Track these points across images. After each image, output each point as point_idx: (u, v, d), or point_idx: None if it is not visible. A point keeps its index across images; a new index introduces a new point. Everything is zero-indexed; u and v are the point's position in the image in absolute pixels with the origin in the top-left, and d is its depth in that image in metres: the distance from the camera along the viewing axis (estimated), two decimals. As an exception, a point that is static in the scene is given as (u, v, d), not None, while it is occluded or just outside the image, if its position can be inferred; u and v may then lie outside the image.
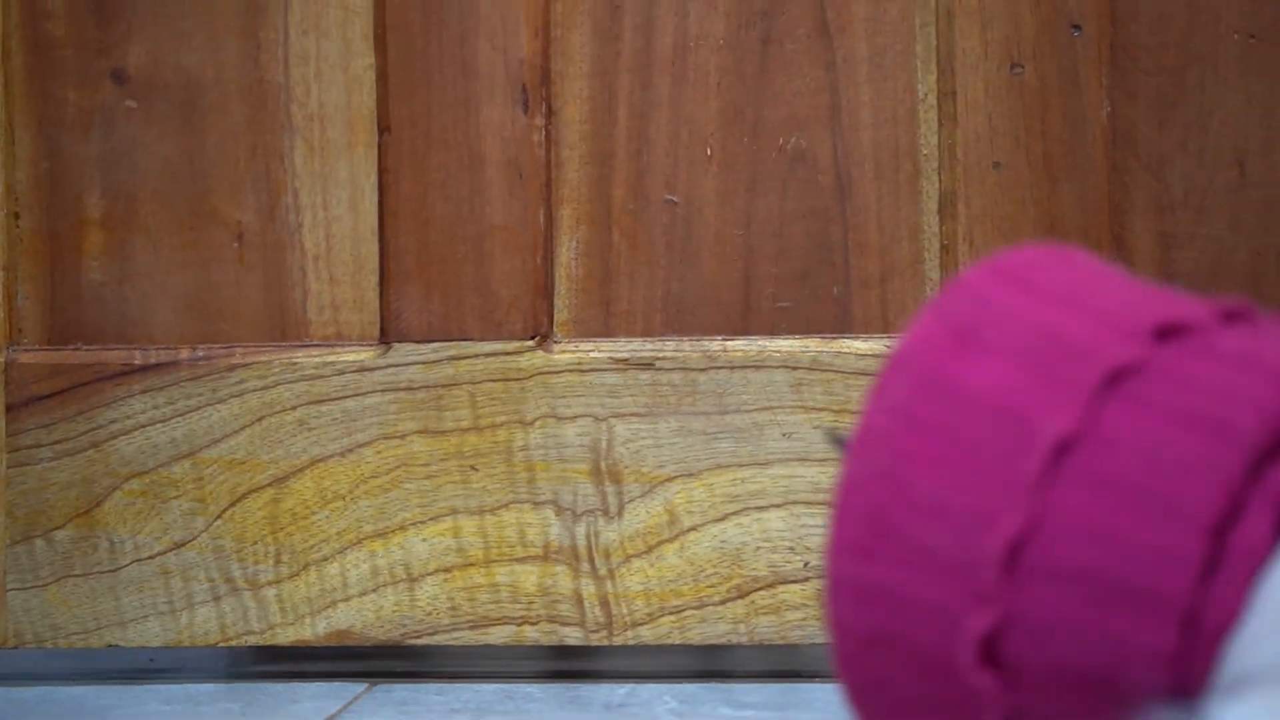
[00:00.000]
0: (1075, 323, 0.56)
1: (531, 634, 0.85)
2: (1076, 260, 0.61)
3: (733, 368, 0.84)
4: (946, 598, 0.55)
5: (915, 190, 0.84)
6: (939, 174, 0.83)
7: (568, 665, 0.88)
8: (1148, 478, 0.52)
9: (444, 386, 0.85)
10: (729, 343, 0.84)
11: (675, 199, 0.85)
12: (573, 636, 0.85)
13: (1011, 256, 0.60)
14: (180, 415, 0.86)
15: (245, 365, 0.86)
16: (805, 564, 0.83)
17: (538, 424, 0.85)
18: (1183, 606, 0.51)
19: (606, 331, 0.85)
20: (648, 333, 0.85)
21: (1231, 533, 0.51)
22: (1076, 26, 0.82)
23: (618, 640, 0.84)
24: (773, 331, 0.84)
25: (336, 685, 0.85)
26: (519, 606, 0.85)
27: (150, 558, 0.86)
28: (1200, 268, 0.83)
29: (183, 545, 0.86)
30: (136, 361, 0.86)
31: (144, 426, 0.86)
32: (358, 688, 0.84)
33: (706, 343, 0.85)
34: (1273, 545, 0.52)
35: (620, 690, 0.82)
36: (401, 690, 0.83)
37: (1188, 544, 0.51)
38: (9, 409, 0.87)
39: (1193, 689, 0.51)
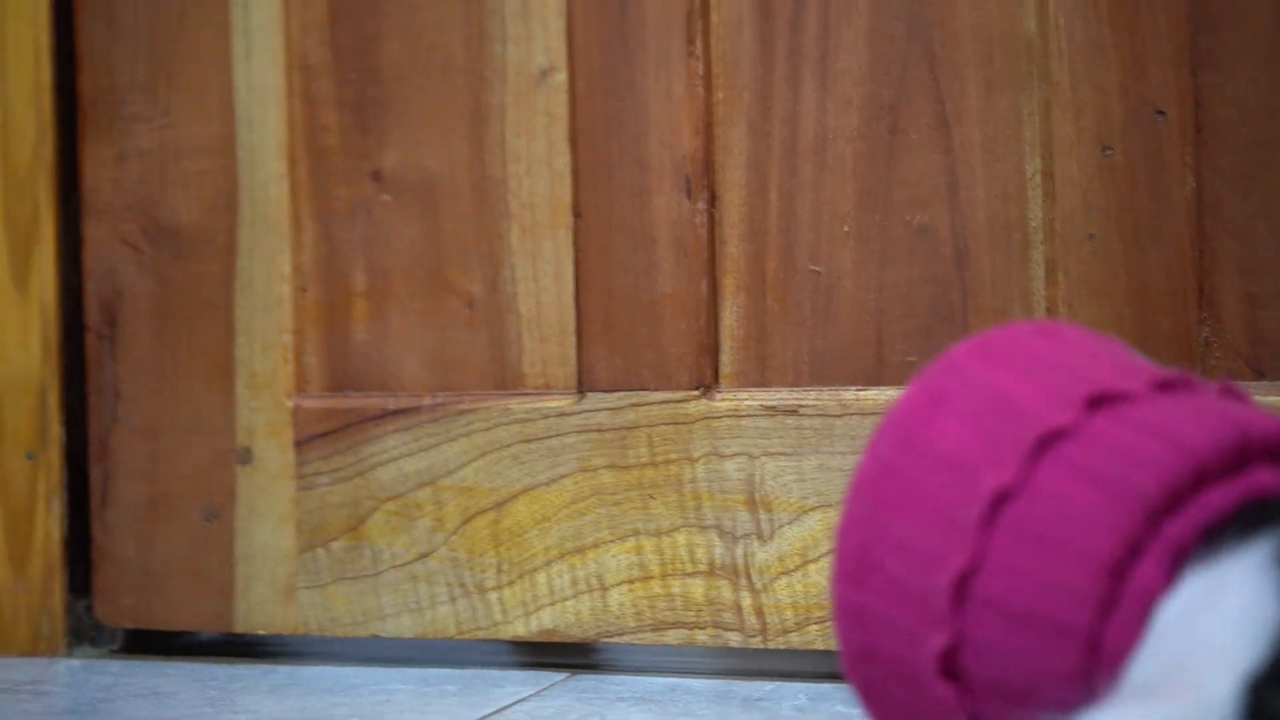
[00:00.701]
0: (1027, 391, 0.63)
1: (701, 637, 0.95)
2: (1058, 334, 0.67)
3: (864, 414, 0.92)
4: (913, 620, 0.63)
5: (1025, 259, 0.90)
6: (1045, 245, 0.90)
7: (734, 664, 0.97)
8: (1062, 526, 0.59)
9: (627, 429, 0.96)
10: (862, 392, 0.93)
11: (818, 269, 0.94)
12: (734, 640, 0.94)
13: (995, 333, 0.68)
14: (423, 450, 1.00)
15: (472, 410, 0.99)
16: (926, 583, 0.91)
17: (703, 461, 0.95)
18: (1084, 635, 0.58)
19: (763, 382, 0.95)
20: (796, 383, 0.94)
21: (1130, 574, 0.58)
22: (1161, 112, 0.87)
23: (771, 645, 0.94)
24: (900, 383, 0.92)
25: (542, 674, 0.97)
26: (690, 614, 0.95)
27: (402, 565, 1.00)
28: (1285, 324, 0.87)
29: (426, 556, 1.00)
30: (390, 406, 1.01)
31: (396, 459, 1.00)
32: (556, 676, 0.96)
33: (843, 392, 0.93)
34: (1166, 585, 0.58)
35: (766, 687, 0.92)
36: (589, 680, 0.95)
37: (1088, 583, 0.58)
38: (297, 444, 1.02)
39: (1097, 703, 0.58)
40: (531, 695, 0.92)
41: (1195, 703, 0.52)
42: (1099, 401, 0.62)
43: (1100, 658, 0.58)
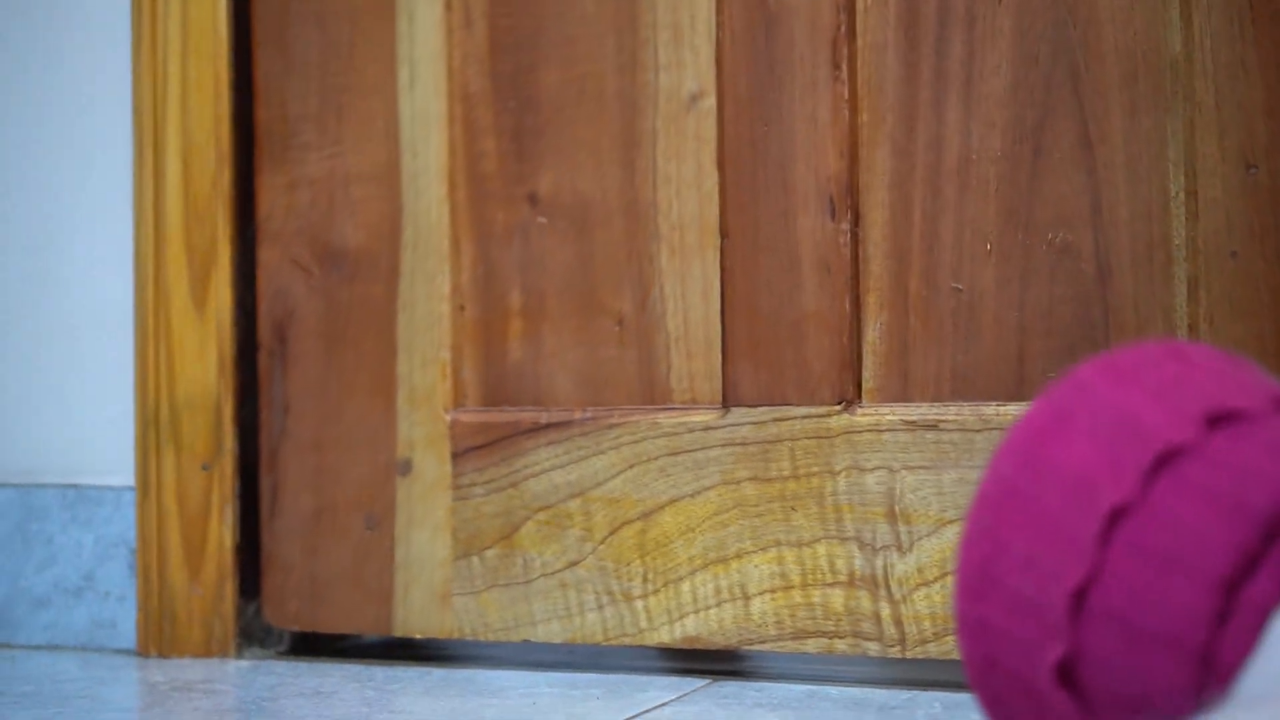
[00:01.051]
0: (1149, 409, 0.63)
1: (840, 646, 0.96)
2: (1183, 353, 0.67)
3: (1004, 429, 0.92)
4: (1033, 633, 0.63)
5: (1168, 277, 0.90)
6: (1187, 263, 0.89)
7: (872, 673, 0.98)
8: (1176, 542, 0.60)
9: (770, 443, 0.98)
10: (1003, 408, 0.93)
11: (960, 287, 0.94)
12: (873, 649, 0.95)
13: (1120, 353, 0.68)
14: (574, 462, 1.03)
15: (621, 424, 1.02)
16: (1065, 599, 0.91)
17: (844, 474, 0.96)
18: (1196, 648, 0.58)
19: (905, 397, 0.96)
20: (938, 398, 0.95)
21: (1242, 589, 0.58)
22: (1304, 131, 0.87)
23: (910, 654, 0.94)
24: (1041, 399, 0.92)
25: (685, 680, 0.98)
26: (830, 623, 0.96)
27: (553, 573, 1.03)
28: None
29: (575, 564, 1.02)
30: (543, 420, 1.04)
31: (547, 471, 1.03)
32: (699, 682, 0.98)
33: (983, 408, 0.93)
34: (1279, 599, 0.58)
35: (903, 695, 0.92)
36: (730, 686, 0.96)
37: (1200, 598, 0.58)
38: (454, 456, 1.06)
39: (1209, 713, 0.58)
40: (674, 700, 0.94)
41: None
42: (1218, 419, 0.62)
43: (1213, 670, 0.58)
